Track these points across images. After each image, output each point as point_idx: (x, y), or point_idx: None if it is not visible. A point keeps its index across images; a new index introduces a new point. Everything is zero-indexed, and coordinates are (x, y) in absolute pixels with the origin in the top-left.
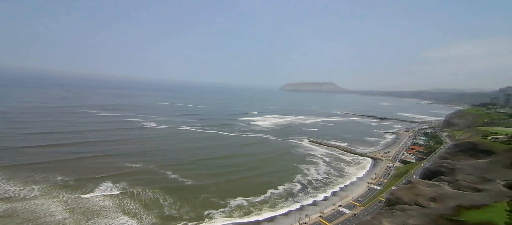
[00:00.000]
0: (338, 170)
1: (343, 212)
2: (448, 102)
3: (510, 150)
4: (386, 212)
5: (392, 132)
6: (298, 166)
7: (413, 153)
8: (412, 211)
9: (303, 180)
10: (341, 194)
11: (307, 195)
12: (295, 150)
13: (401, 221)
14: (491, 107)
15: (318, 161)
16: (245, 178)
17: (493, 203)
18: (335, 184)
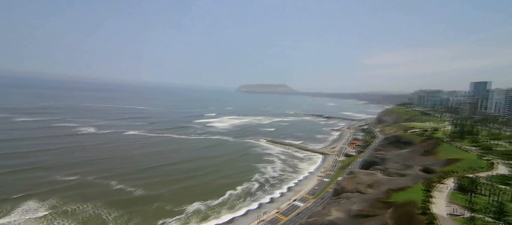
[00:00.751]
0: (292, 167)
1: (298, 205)
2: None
3: (424, 141)
4: (334, 201)
5: (337, 129)
6: (256, 166)
7: (354, 147)
8: (354, 198)
9: (260, 178)
10: (295, 188)
11: (265, 193)
12: (253, 150)
13: (346, 208)
14: (409, 106)
15: (274, 159)
16: (203, 182)
17: (413, 185)
18: (290, 180)
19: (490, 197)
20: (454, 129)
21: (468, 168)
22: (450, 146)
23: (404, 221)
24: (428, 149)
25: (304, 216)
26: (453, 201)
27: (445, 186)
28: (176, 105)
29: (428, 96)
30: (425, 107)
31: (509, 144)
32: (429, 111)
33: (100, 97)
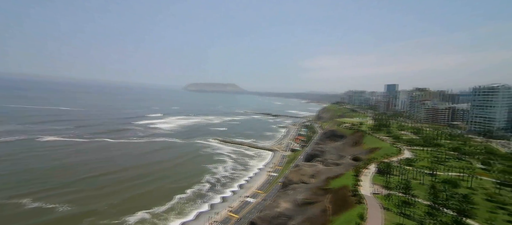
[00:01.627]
0: (243, 165)
1: (249, 201)
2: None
3: (353, 134)
4: (282, 193)
5: (284, 126)
6: (207, 167)
7: (298, 142)
8: (300, 188)
9: (212, 179)
10: (246, 185)
11: (216, 193)
12: (203, 151)
13: (293, 198)
14: (341, 104)
15: (225, 158)
16: (148, 190)
17: (346, 172)
18: (241, 178)
19: (400, 176)
20: (374, 122)
21: (384, 154)
22: (372, 137)
23: (340, 203)
24: (356, 141)
25: (256, 211)
26: (375, 182)
27: (369, 171)
28: (112, 106)
29: (355, 96)
30: (353, 105)
31: (411, 133)
32: (357, 109)
33: (27, 98)
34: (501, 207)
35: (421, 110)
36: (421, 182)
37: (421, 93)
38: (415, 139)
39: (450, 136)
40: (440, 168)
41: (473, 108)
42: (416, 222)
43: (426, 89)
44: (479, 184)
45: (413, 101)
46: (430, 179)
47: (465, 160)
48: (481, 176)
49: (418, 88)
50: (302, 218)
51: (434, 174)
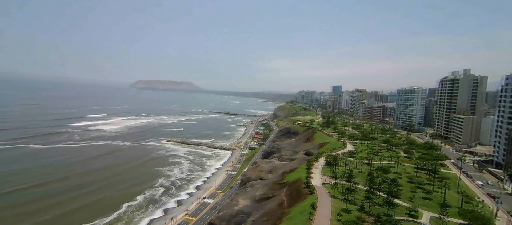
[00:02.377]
0: (201, 165)
1: (207, 202)
2: (274, 100)
3: (305, 130)
4: (241, 190)
5: (242, 125)
6: (160, 170)
7: (256, 140)
8: (258, 185)
9: (166, 182)
10: (204, 186)
11: (171, 197)
12: (156, 153)
13: (251, 195)
14: (295, 103)
15: (181, 160)
16: (90, 202)
17: (300, 166)
18: (198, 179)
19: (344, 167)
20: (323, 120)
21: (332, 148)
22: (321, 133)
23: (295, 195)
24: (308, 137)
25: (215, 211)
26: (324, 174)
27: (319, 164)
28: (39, 105)
29: (307, 96)
30: (305, 104)
31: (353, 129)
32: (308, 107)
33: None
34: (419, 187)
35: (360, 108)
36: (361, 170)
37: (360, 93)
38: (356, 133)
39: (382, 130)
40: (375, 158)
41: (398, 107)
42: (357, 205)
43: (364, 91)
44: (403, 169)
45: (354, 100)
46: (368, 168)
47: (393, 150)
48: (405, 163)
49: (358, 90)
50: (260, 213)
51: (370, 163)
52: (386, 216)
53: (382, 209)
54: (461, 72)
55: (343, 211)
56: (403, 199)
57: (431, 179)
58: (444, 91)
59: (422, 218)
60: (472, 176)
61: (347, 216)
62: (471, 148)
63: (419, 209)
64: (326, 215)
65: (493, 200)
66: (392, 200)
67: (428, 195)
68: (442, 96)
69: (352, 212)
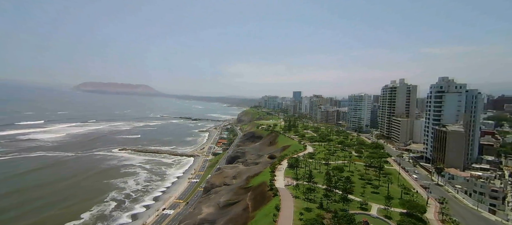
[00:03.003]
0: (160, 175)
1: (167, 214)
2: (238, 105)
3: (269, 135)
4: (204, 198)
5: (205, 130)
6: (111, 182)
7: (220, 145)
8: (222, 191)
9: (119, 196)
10: (164, 197)
11: (125, 211)
12: (106, 164)
13: (215, 202)
14: (259, 108)
15: (137, 170)
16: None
17: (264, 169)
18: (157, 189)
19: (305, 168)
20: (285, 124)
21: (294, 151)
22: (284, 136)
23: (260, 199)
24: (272, 140)
25: (176, 222)
26: (287, 176)
27: (282, 166)
28: None
29: (270, 100)
30: (269, 109)
31: (312, 132)
32: (272, 112)
33: None
34: (368, 183)
35: (318, 113)
36: (320, 171)
37: (317, 99)
38: (315, 136)
39: (337, 132)
40: (332, 158)
41: (350, 111)
42: (317, 203)
43: (321, 96)
44: (355, 167)
45: (312, 105)
46: (325, 167)
47: (346, 151)
48: (356, 161)
49: (315, 95)
50: (225, 219)
51: (328, 163)
52: (342, 211)
53: (338, 205)
54: (398, 81)
55: (304, 210)
56: (356, 194)
57: (378, 175)
58: (385, 97)
59: (371, 210)
60: (408, 170)
61: (308, 215)
62: (407, 146)
63: (369, 202)
64: (289, 215)
65: (425, 190)
66: (347, 196)
67: (376, 190)
68: (384, 102)
69: (312, 210)
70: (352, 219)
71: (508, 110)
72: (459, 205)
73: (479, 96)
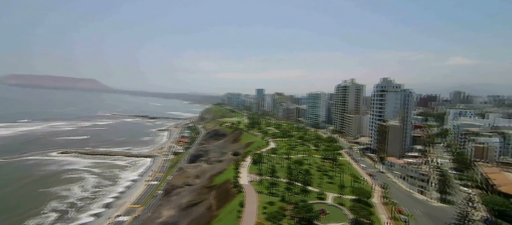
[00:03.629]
0: (111, 179)
1: (122, 221)
2: (201, 102)
3: (233, 132)
4: (165, 201)
5: (165, 129)
6: (50, 191)
7: (182, 144)
8: (184, 192)
9: (60, 205)
10: (117, 203)
11: (69, 222)
12: (43, 170)
13: (177, 204)
14: (222, 105)
15: (84, 175)
16: None
17: (228, 167)
18: (108, 195)
19: (268, 163)
20: (249, 121)
21: (257, 147)
22: (248, 133)
23: (224, 197)
24: (235, 138)
25: None
26: (251, 172)
27: (246, 163)
28: None
29: (233, 98)
30: (232, 106)
31: (274, 128)
32: (235, 109)
33: None
34: (325, 174)
35: (280, 110)
36: (282, 165)
37: (279, 97)
38: (277, 132)
39: (297, 128)
40: (293, 153)
41: (309, 108)
42: (279, 197)
43: (283, 94)
44: (313, 160)
45: (274, 103)
46: (287, 162)
47: (306, 145)
48: (314, 155)
49: (277, 93)
50: (188, 220)
51: (289, 157)
52: (302, 202)
53: (299, 197)
54: (349, 81)
55: (268, 204)
56: (314, 185)
57: (333, 166)
58: (338, 96)
59: (327, 199)
60: (358, 160)
61: (271, 208)
62: (356, 139)
63: (326, 192)
64: (253, 210)
65: (371, 177)
66: (306, 187)
67: (331, 180)
68: (337, 100)
69: (275, 203)
70: (310, 208)
71: (432, 107)
72: (397, 188)
73: (411, 95)
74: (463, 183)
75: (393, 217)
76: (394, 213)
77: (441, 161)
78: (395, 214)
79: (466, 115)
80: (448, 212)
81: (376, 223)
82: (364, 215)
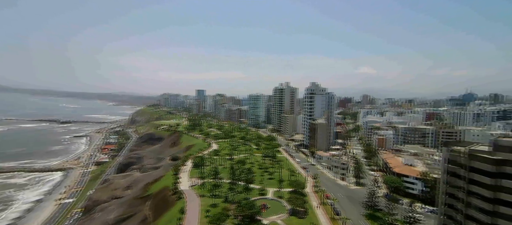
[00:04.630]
0: (2, 202)
1: None
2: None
3: (171, 135)
4: (85, 220)
5: (83, 135)
6: None
7: (107, 152)
8: (112, 206)
9: None
10: None
11: None
12: None
13: (102, 221)
14: (158, 107)
15: None
16: None
17: (166, 173)
18: None
19: (210, 165)
20: (189, 123)
21: (198, 149)
22: (188, 136)
23: (161, 206)
24: (174, 141)
25: None
26: (192, 176)
27: (187, 167)
28: None
29: (171, 99)
30: (170, 108)
31: (217, 129)
32: (173, 111)
33: None
34: (266, 171)
35: (222, 111)
36: (225, 166)
37: (221, 98)
38: (219, 133)
39: (239, 129)
40: (235, 153)
41: (250, 109)
42: (222, 198)
43: (224, 95)
44: (255, 159)
45: (216, 104)
46: (230, 162)
47: (248, 145)
48: (256, 153)
49: (219, 94)
50: None
51: (232, 158)
52: (244, 200)
53: (242, 195)
54: (285, 84)
55: (210, 207)
56: (256, 183)
57: (273, 163)
58: (276, 97)
59: (268, 194)
60: (293, 155)
61: (215, 210)
62: (292, 137)
63: (267, 187)
64: (194, 215)
65: (304, 170)
66: (249, 185)
67: (271, 176)
68: (275, 101)
69: (218, 205)
70: (253, 205)
71: (349, 108)
72: (325, 177)
73: (334, 97)
74: (370, 168)
75: (322, 203)
76: (323, 199)
77: (355, 151)
78: (324, 200)
79: (371, 113)
80: (362, 193)
81: (309, 209)
82: (299, 204)
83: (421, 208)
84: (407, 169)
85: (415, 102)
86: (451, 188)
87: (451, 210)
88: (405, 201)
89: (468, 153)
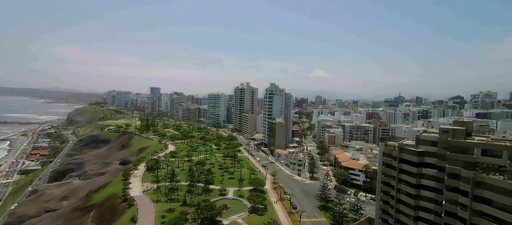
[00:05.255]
0: None
1: None
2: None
3: (119, 137)
4: None
5: (3, 139)
6: None
7: (36, 158)
8: (43, 221)
9: None
10: None
11: None
12: None
13: None
14: (103, 105)
15: None
16: None
17: (114, 179)
18: None
19: (167, 168)
20: (141, 123)
21: (153, 152)
22: (140, 137)
23: (108, 216)
24: (123, 143)
25: None
26: (145, 181)
27: (139, 171)
28: None
29: (120, 96)
30: (118, 106)
31: (174, 130)
32: (122, 110)
33: None
34: (226, 171)
35: (179, 110)
36: (183, 168)
37: (178, 96)
38: (176, 134)
39: (198, 129)
40: (194, 154)
41: (209, 108)
42: (180, 202)
43: (182, 94)
44: (215, 159)
45: (173, 103)
46: (188, 164)
47: (207, 145)
48: (216, 154)
49: (176, 92)
50: None
51: (190, 159)
52: (204, 202)
53: (201, 197)
54: (245, 84)
55: (166, 212)
56: (216, 183)
57: (233, 162)
58: (237, 97)
59: (229, 194)
60: (254, 154)
61: (171, 215)
62: (253, 136)
63: (227, 187)
64: (148, 223)
65: (264, 168)
66: (208, 187)
67: (232, 175)
68: (236, 101)
69: (176, 209)
70: (213, 206)
71: (304, 107)
72: (284, 174)
73: (291, 98)
74: (323, 163)
75: (281, 198)
76: (281, 194)
77: (310, 148)
78: (282, 195)
79: (323, 113)
80: (316, 187)
81: (269, 205)
82: (259, 202)
83: (364, 197)
84: (353, 163)
85: (359, 103)
86: (386, 178)
87: (387, 197)
88: (352, 191)
89: (398, 146)
